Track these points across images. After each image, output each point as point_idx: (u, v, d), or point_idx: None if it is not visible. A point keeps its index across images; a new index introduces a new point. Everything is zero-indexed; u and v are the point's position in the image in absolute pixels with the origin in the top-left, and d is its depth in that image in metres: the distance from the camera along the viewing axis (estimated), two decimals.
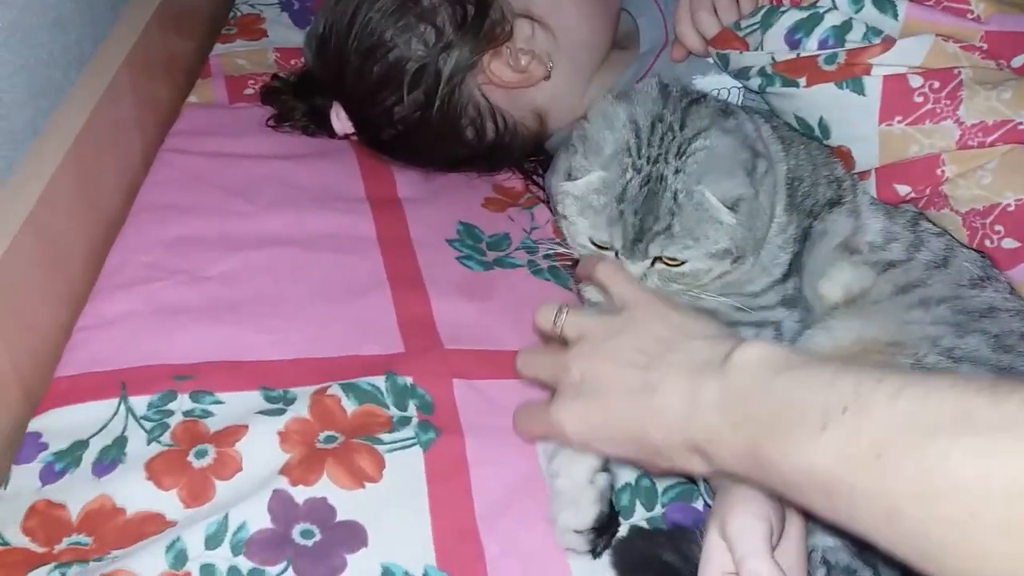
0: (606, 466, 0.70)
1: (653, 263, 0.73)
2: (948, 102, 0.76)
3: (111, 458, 0.69)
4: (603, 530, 0.69)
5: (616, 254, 0.73)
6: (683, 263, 0.72)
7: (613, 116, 0.73)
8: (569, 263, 0.88)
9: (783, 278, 0.78)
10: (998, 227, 0.75)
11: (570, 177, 0.73)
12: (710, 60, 0.94)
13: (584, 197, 0.72)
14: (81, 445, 0.70)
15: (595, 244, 0.74)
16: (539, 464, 0.73)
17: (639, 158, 0.70)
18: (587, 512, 0.68)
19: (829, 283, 0.80)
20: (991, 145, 0.75)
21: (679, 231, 0.70)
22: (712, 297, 0.76)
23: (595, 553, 0.68)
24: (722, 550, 0.56)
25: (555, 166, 1.03)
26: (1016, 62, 0.80)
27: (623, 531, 0.70)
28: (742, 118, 0.79)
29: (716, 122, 0.74)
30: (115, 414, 0.72)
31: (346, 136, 1.07)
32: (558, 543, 0.68)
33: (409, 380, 0.78)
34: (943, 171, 0.77)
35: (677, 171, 0.70)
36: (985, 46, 0.80)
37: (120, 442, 0.71)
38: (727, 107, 0.79)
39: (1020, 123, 0.74)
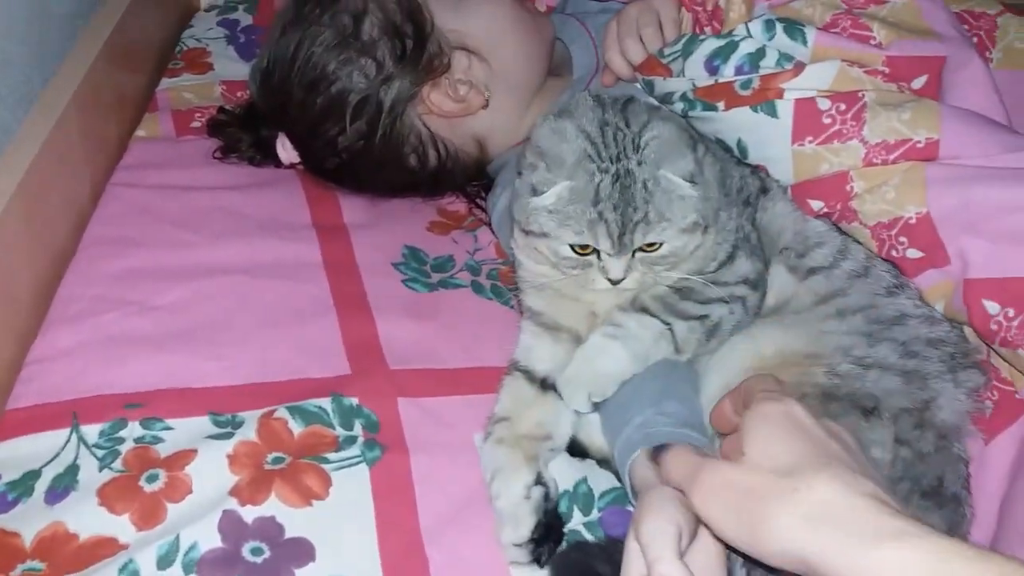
0: (540, 479, 0.74)
1: (633, 254, 0.76)
2: (854, 123, 0.82)
3: (63, 486, 0.71)
4: (543, 539, 0.72)
5: (598, 255, 0.77)
6: (661, 246, 0.76)
7: (563, 130, 0.77)
8: (513, 284, 0.92)
9: (729, 259, 0.82)
10: (902, 238, 0.80)
11: (536, 193, 0.77)
12: (637, 85, 0.99)
13: (560, 210, 0.75)
14: (33, 475, 0.72)
15: (577, 251, 0.77)
16: (483, 479, 0.77)
17: (602, 160, 0.75)
18: (524, 525, 0.72)
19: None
20: (893, 162, 0.81)
21: (654, 216, 0.74)
22: (688, 277, 0.80)
23: (539, 563, 0.72)
24: (638, 555, 0.59)
25: (495, 190, 1.08)
26: (916, 84, 0.86)
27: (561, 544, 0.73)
28: (670, 112, 0.84)
29: (653, 115, 0.80)
30: (67, 443, 0.74)
31: (292, 165, 1.11)
32: (507, 560, 0.72)
33: (355, 401, 0.81)
34: (852, 187, 0.82)
35: (640, 163, 0.75)
36: (887, 70, 0.85)
37: (72, 470, 0.73)
38: (654, 103, 0.84)
39: (918, 142, 0.80)
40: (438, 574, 0.70)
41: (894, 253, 0.81)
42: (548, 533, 0.72)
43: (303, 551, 0.69)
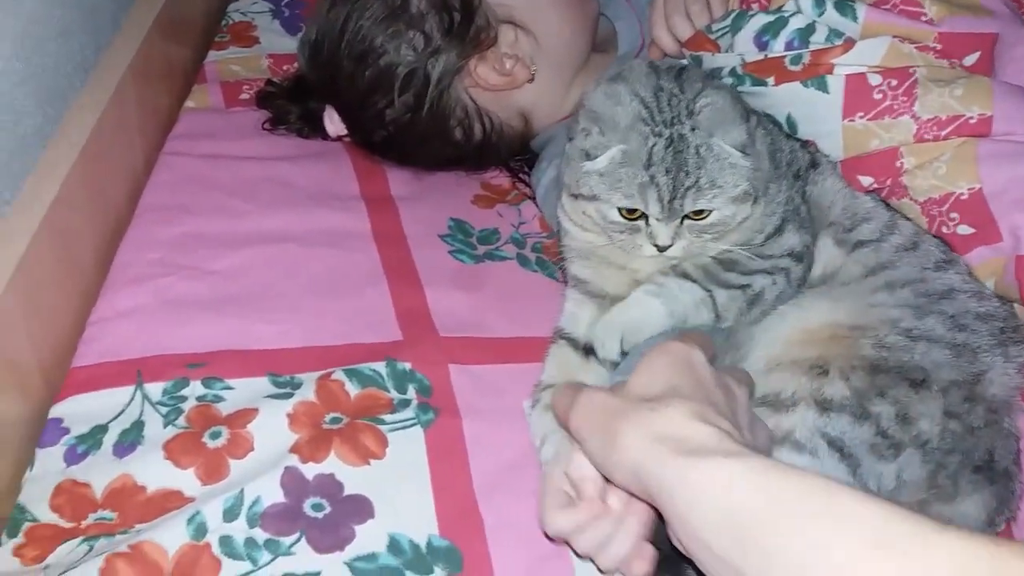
0: None
1: (682, 221, 0.77)
2: (905, 99, 0.82)
3: (130, 440, 0.74)
4: None
5: (646, 220, 0.77)
6: (709, 214, 0.77)
7: (617, 94, 0.78)
8: (558, 257, 0.93)
9: (776, 232, 0.83)
10: (953, 214, 0.81)
11: (588, 157, 0.77)
12: (684, 62, 0.99)
13: (611, 172, 0.76)
14: (101, 429, 0.74)
15: (625, 216, 0.78)
16: (532, 442, 0.78)
17: (656, 124, 0.75)
18: None
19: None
20: (945, 138, 0.81)
21: (705, 182, 0.75)
22: (732, 249, 0.81)
23: None
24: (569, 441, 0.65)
25: (540, 164, 1.09)
26: (968, 61, 0.86)
27: None
28: (723, 82, 0.85)
29: (707, 82, 0.80)
30: (132, 400, 0.77)
31: (339, 138, 1.12)
32: None
33: (408, 365, 0.82)
34: (902, 163, 0.83)
35: (693, 128, 0.75)
36: (939, 46, 0.85)
37: (138, 426, 0.75)
38: (708, 72, 0.85)
39: (971, 117, 0.80)
40: (492, 533, 0.71)
41: (944, 230, 0.82)
42: None
43: (363, 508, 0.70)
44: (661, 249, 0.78)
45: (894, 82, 0.82)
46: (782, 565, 0.49)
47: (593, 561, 0.67)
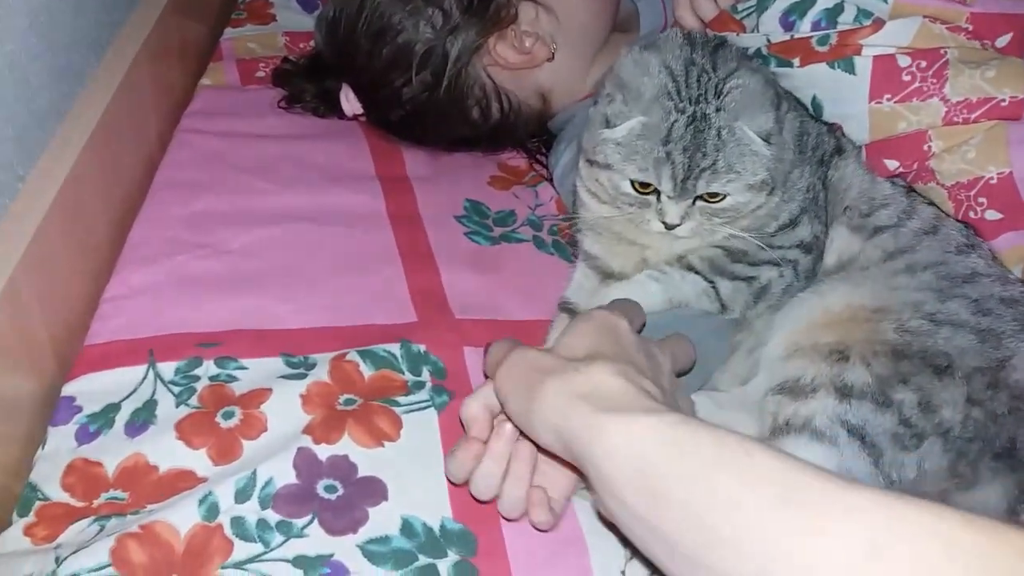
0: None
1: (694, 202, 0.76)
2: (935, 80, 0.80)
3: (142, 420, 0.73)
4: None
5: (658, 196, 0.76)
6: (723, 198, 0.76)
7: (646, 63, 0.76)
8: (569, 232, 0.92)
9: (791, 223, 0.82)
10: (981, 199, 0.79)
11: (608, 124, 0.76)
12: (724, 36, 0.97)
13: (628, 143, 0.75)
14: (113, 408, 0.74)
15: (637, 189, 0.76)
16: None
17: (681, 100, 0.74)
18: None
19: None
20: (975, 121, 0.79)
21: (723, 166, 0.73)
22: (743, 236, 0.80)
23: None
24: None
25: (558, 146, 1.07)
26: (1000, 42, 0.84)
27: None
28: (760, 64, 0.84)
29: (742, 63, 0.78)
30: (144, 379, 0.76)
31: (355, 117, 1.11)
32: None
33: (422, 348, 0.81)
34: (930, 146, 0.81)
35: (718, 109, 0.74)
36: (970, 27, 0.83)
37: (150, 405, 0.74)
38: (746, 51, 0.84)
39: (1002, 100, 0.78)
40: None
41: (972, 215, 0.80)
42: None
43: (376, 490, 0.70)
44: (669, 227, 0.77)
45: (924, 63, 0.80)
46: (692, 518, 0.49)
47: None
